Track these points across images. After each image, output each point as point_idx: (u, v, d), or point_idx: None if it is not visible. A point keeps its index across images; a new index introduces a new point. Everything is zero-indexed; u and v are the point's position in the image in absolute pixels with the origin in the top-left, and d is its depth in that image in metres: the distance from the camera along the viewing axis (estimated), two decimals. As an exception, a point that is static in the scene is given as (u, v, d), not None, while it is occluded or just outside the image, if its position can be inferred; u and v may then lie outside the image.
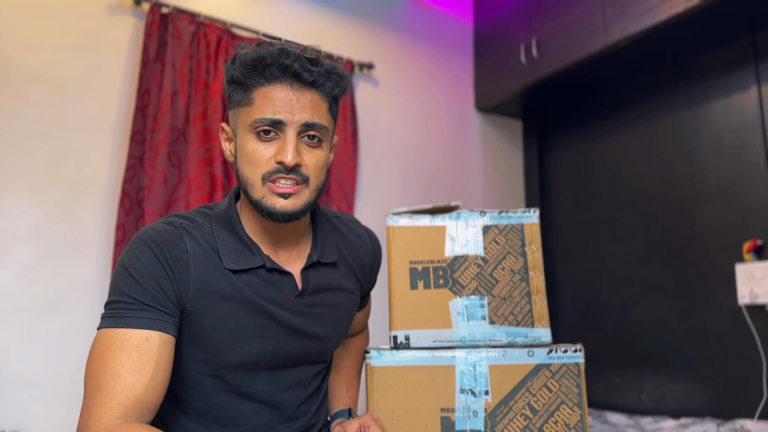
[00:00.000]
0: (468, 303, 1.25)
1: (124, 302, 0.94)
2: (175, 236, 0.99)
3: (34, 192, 2.22)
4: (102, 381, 0.88)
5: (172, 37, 2.47)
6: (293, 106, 0.97)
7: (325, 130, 1.02)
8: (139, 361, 0.89)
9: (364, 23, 3.14)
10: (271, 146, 0.98)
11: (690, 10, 2.37)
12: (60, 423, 2.15)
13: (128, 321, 0.92)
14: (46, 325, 2.18)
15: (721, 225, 2.64)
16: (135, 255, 0.97)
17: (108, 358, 0.90)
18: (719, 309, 2.60)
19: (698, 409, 2.62)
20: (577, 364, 1.20)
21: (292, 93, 0.97)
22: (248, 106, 0.98)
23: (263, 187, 0.98)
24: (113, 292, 0.96)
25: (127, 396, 0.87)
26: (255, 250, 1.04)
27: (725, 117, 2.69)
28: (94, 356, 0.91)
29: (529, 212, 1.30)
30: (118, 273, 0.97)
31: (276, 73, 0.97)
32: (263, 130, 0.97)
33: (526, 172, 3.63)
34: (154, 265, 0.95)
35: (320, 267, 1.13)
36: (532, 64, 3.05)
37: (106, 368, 0.89)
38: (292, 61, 0.96)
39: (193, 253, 0.99)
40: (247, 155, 0.98)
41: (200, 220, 1.05)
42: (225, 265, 1.00)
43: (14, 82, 2.22)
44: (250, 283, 1.02)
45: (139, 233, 1.01)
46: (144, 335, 0.92)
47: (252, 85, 0.98)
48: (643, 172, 3.00)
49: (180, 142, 2.44)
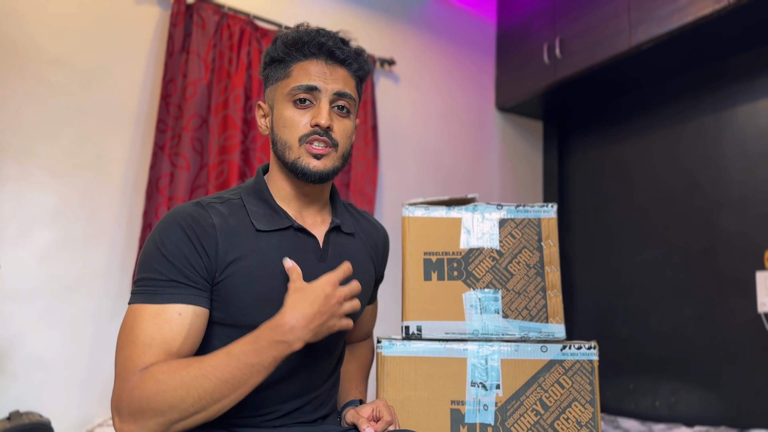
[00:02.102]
0: (482, 296, 1.24)
1: (155, 279, 0.98)
2: (202, 214, 1.05)
3: (55, 177, 2.25)
4: (133, 351, 0.93)
5: (196, 26, 2.49)
6: (327, 77, 1.09)
7: (353, 102, 1.13)
8: (169, 333, 0.95)
9: (387, 19, 3.14)
10: (306, 113, 1.08)
11: (718, 12, 2.33)
12: (73, 405, 2.18)
13: (161, 297, 0.97)
14: (62, 308, 2.21)
15: (743, 232, 2.60)
16: (165, 234, 1.01)
17: (139, 330, 0.94)
18: (738, 317, 2.56)
19: (713, 417, 2.58)
20: (590, 361, 1.19)
21: (326, 67, 1.10)
22: (286, 79, 1.10)
23: (300, 148, 1.08)
24: (144, 269, 1.00)
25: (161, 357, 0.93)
26: (283, 214, 1.12)
27: (750, 122, 2.65)
28: (126, 330, 0.96)
29: (547, 207, 1.29)
30: (148, 251, 1.01)
31: (313, 50, 1.10)
32: (300, 98, 1.08)
33: (545, 174, 3.61)
34: (183, 243, 1.00)
35: (341, 234, 1.18)
36: (555, 65, 3.03)
37: (137, 340, 0.93)
38: (327, 39, 1.10)
39: (220, 226, 1.04)
40: (285, 121, 1.09)
41: (228, 195, 1.12)
42: (256, 226, 1.07)
43: (38, 68, 2.26)
44: (279, 245, 1.08)
45: (167, 214, 1.05)
46: (176, 309, 0.96)
47: (291, 61, 1.10)
48: (664, 176, 2.96)
49: (203, 129, 2.46)
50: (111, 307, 2.29)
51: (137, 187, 2.39)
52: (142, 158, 2.42)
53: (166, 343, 0.94)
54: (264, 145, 2.59)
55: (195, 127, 2.44)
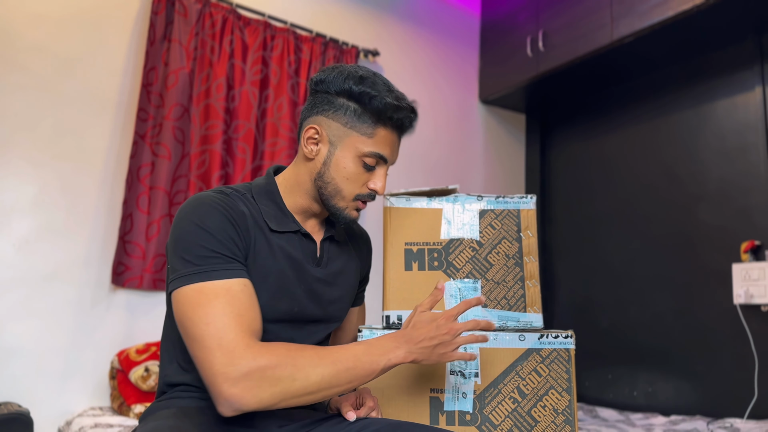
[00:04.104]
0: (461, 286, 1.25)
1: (210, 257, 1.01)
2: (233, 201, 1.10)
3: (34, 166, 2.22)
4: (227, 322, 0.95)
5: (178, 14, 2.47)
6: (395, 150, 1.18)
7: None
8: (248, 302, 1.00)
9: (371, 10, 3.13)
10: (368, 174, 1.15)
11: (698, 7, 2.36)
12: (53, 395, 2.16)
13: (223, 273, 1.00)
14: (42, 298, 2.19)
15: (720, 225, 2.64)
16: (205, 216, 1.04)
17: (225, 302, 0.97)
18: (714, 308, 2.61)
19: (689, 406, 2.63)
20: (567, 350, 1.21)
21: (397, 140, 1.18)
22: (368, 138, 1.13)
23: (352, 202, 1.16)
24: (192, 250, 1.01)
25: (252, 331, 0.97)
26: (291, 218, 1.17)
27: (729, 117, 2.68)
28: (204, 306, 0.97)
29: (526, 198, 1.31)
30: (191, 232, 1.03)
31: (398, 124, 1.15)
32: (371, 164, 1.14)
33: (528, 166, 3.63)
34: (226, 224, 1.04)
35: (333, 242, 1.24)
36: (538, 58, 3.04)
37: (226, 310, 0.96)
38: (410, 121, 1.16)
39: (248, 215, 1.10)
40: (349, 174, 1.14)
41: (243, 191, 1.15)
42: (270, 226, 1.12)
43: (16, 55, 2.22)
44: (288, 245, 1.14)
45: (196, 200, 1.07)
46: (242, 282, 1.02)
47: (380, 123, 1.14)
48: (645, 169, 2.99)
49: (185, 119, 2.45)
50: (91, 296, 2.27)
51: (117, 176, 2.37)
52: (123, 147, 2.40)
53: (250, 311, 0.99)
54: (247, 135, 2.58)
55: (176, 117, 2.42)
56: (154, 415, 1.04)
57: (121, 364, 2.15)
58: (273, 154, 2.64)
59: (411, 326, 1.05)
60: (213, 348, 0.93)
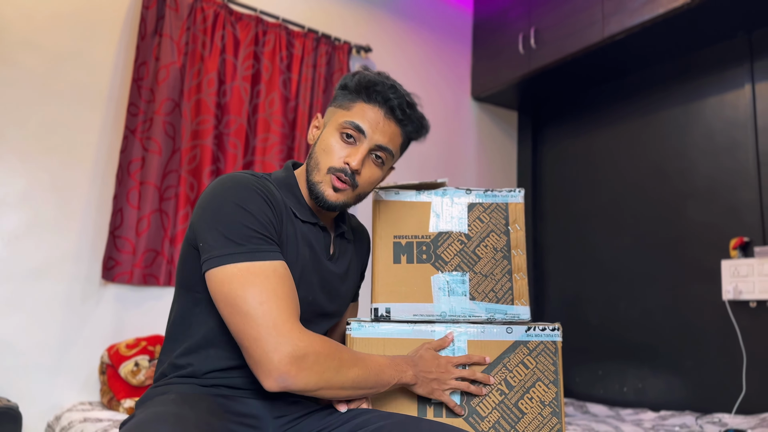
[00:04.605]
0: (450, 278, 1.26)
1: (255, 237, 1.03)
2: (267, 185, 1.13)
3: (23, 160, 2.21)
4: (278, 304, 0.99)
5: (169, 9, 2.46)
6: (377, 127, 1.15)
7: (390, 156, 1.20)
8: (292, 285, 1.04)
9: (364, 6, 3.13)
10: (346, 148, 1.15)
11: (688, 4, 2.37)
12: (42, 390, 2.16)
13: (267, 254, 1.03)
14: (31, 292, 2.18)
15: (709, 221, 2.66)
16: (243, 196, 1.06)
17: (273, 284, 1.00)
18: (703, 304, 2.62)
19: (678, 402, 2.64)
20: (554, 342, 1.21)
21: (382, 119, 1.16)
22: (346, 111, 1.17)
23: (326, 175, 1.15)
24: (234, 229, 1.03)
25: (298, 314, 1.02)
26: (310, 210, 1.20)
27: (718, 114, 2.70)
28: (254, 285, 0.99)
29: (515, 192, 1.31)
30: (232, 213, 1.04)
31: (379, 99, 1.15)
32: (347, 132, 1.15)
33: (520, 163, 3.64)
34: (264, 206, 1.07)
35: (343, 239, 1.28)
36: (530, 55, 3.05)
37: (278, 291, 1.00)
38: (396, 97, 1.16)
39: (280, 199, 1.14)
40: (327, 146, 1.16)
41: (267, 178, 1.18)
42: (296, 213, 1.16)
43: (6, 49, 2.21)
44: (310, 234, 1.18)
45: (234, 180, 1.09)
46: (284, 265, 1.05)
47: (357, 98, 1.17)
48: (634, 166, 3.01)
49: (175, 113, 2.44)
50: (81, 291, 2.27)
51: (108, 170, 2.36)
52: (113, 142, 2.39)
53: (294, 293, 1.03)
54: (238, 130, 2.57)
55: (167, 111, 2.42)
56: (153, 400, 1.03)
57: (110, 359, 2.15)
58: (264, 149, 2.64)
59: (418, 357, 1.15)
60: (269, 326, 0.96)
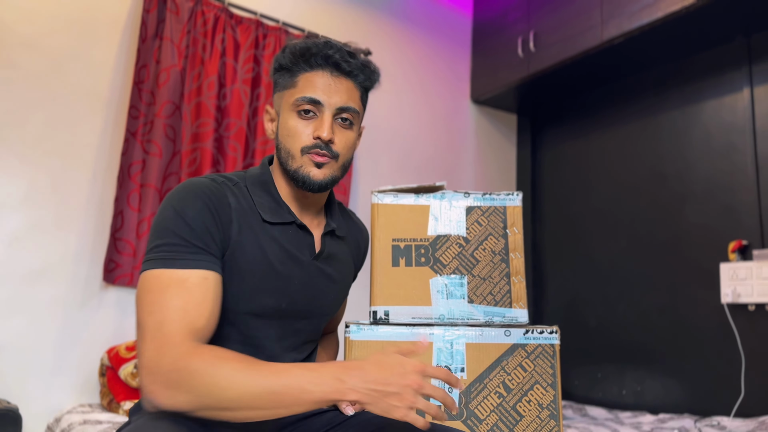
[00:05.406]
0: (448, 281, 1.26)
1: (179, 245, 0.99)
2: (220, 192, 1.08)
3: (24, 163, 2.22)
4: (167, 316, 0.93)
5: (170, 12, 2.47)
6: (331, 90, 1.11)
7: (356, 115, 1.16)
8: (201, 297, 0.97)
9: (363, 9, 3.14)
10: (310, 124, 1.11)
11: (686, 8, 2.38)
12: (42, 392, 2.16)
13: (186, 262, 0.98)
14: (31, 294, 2.18)
15: (708, 224, 2.66)
16: (186, 203, 1.03)
17: (171, 295, 0.95)
18: (702, 307, 2.63)
19: (677, 405, 2.65)
20: (552, 345, 1.22)
21: (331, 79, 1.12)
22: (292, 88, 1.12)
23: (302, 157, 1.11)
24: (164, 236, 1.00)
25: (192, 328, 0.94)
26: (286, 209, 1.15)
27: (716, 117, 2.71)
28: (153, 294, 0.96)
29: (513, 195, 1.32)
30: (168, 218, 1.02)
31: (319, 62, 1.11)
32: (304, 109, 1.11)
33: (519, 166, 3.65)
34: (204, 213, 1.03)
35: (333, 237, 1.23)
36: (529, 58, 3.06)
37: (170, 304, 0.94)
38: (334, 52, 1.12)
39: (235, 207, 1.08)
40: (289, 130, 1.12)
41: (236, 179, 1.14)
42: (263, 216, 1.11)
43: (7, 51, 2.22)
44: (281, 237, 1.13)
45: (185, 186, 1.07)
46: (203, 275, 0.99)
47: (297, 71, 1.12)
48: (633, 169, 3.02)
49: (176, 116, 2.45)
50: (81, 293, 2.27)
51: (108, 173, 2.37)
52: (114, 144, 2.40)
53: (199, 306, 0.96)
54: (238, 133, 2.58)
55: (168, 114, 2.43)
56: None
57: (110, 361, 2.15)
58: (264, 152, 2.65)
59: (371, 362, 0.89)
60: (147, 339, 0.92)
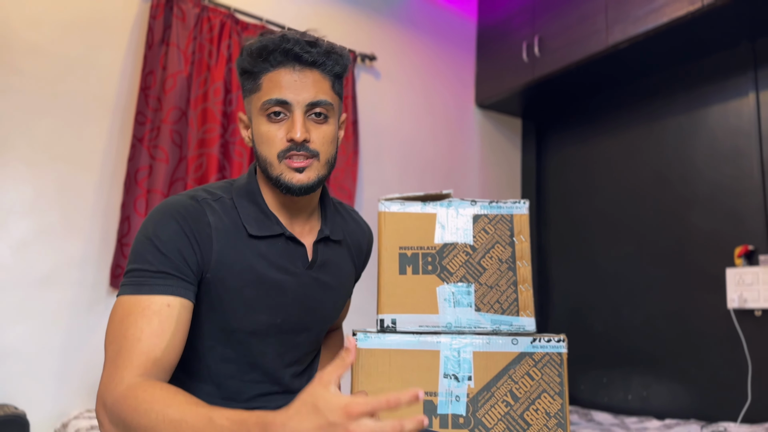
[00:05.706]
0: (455, 290, 1.26)
1: (146, 270, 0.97)
2: (198, 211, 1.04)
3: (31, 168, 2.23)
4: (123, 345, 0.91)
5: (176, 18, 2.48)
6: (297, 86, 1.04)
7: (330, 107, 1.08)
8: (159, 326, 0.93)
9: (368, 14, 3.15)
10: (281, 126, 1.05)
11: (692, 13, 2.38)
12: (49, 397, 2.17)
13: (151, 288, 0.96)
14: (38, 300, 2.19)
15: (714, 229, 2.66)
16: (159, 225, 1.00)
17: (129, 323, 0.93)
18: (708, 312, 2.62)
19: (683, 410, 2.64)
20: (559, 353, 1.22)
21: (295, 74, 1.04)
22: (257, 92, 1.06)
23: (280, 164, 1.05)
24: (136, 260, 0.99)
25: (146, 359, 0.91)
26: (274, 220, 1.11)
27: (722, 122, 2.70)
28: (115, 322, 0.95)
29: (519, 203, 1.32)
30: (141, 242, 1.00)
31: (279, 58, 1.04)
32: (273, 111, 1.04)
33: (524, 170, 3.65)
34: (178, 236, 0.99)
35: (328, 242, 1.20)
36: (534, 63, 3.06)
37: (127, 333, 0.92)
38: (292, 45, 1.04)
39: (215, 226, 1.04)
40: (262, 137, 1.06)
41: (221, 193, 1.10)
42: (249, 231, 1.06)
43: (14, 57, 2.23)
44: (270, 251, 1.09)
45: (162, 205, 1.04)
46: (165, 301, 0.95)
47: (259, 72, 1.06)
48: (639, 174, 3.01)
49: (182, 122, 2.46)
50: (88, 299, 2.28)
51: (115, 179, 2.38)
52: (120, 150, 2.41)
53: (156, 336, 0.92)
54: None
55: (174, 120, 2.44)
56: None
57: (117, 367, 2.16)
58: (270, 157, 2.66)
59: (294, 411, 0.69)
60: (105, 368, 0.92)
